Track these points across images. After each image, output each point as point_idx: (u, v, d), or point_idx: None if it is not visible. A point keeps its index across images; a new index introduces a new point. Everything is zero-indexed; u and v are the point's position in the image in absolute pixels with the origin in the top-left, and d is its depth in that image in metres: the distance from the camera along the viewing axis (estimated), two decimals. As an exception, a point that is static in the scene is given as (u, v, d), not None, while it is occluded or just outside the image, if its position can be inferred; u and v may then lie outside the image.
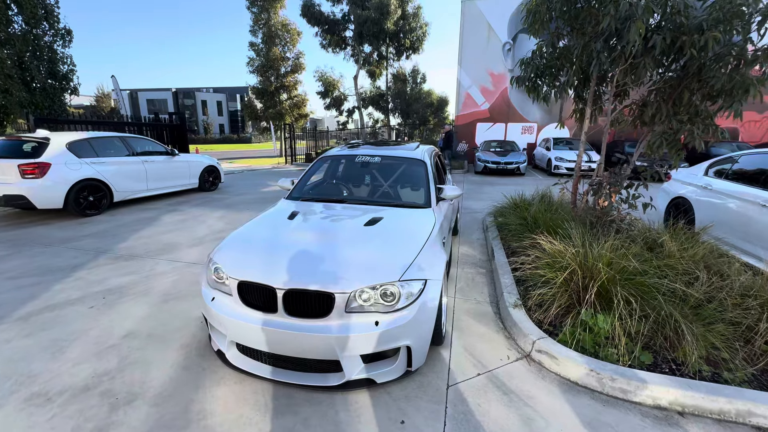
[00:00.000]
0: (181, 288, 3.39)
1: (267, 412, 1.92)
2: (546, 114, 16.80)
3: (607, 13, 3.20)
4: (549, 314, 2.62)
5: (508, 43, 16.46)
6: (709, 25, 3.01)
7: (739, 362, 2.21)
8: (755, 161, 4.22)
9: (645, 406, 2.03)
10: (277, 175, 12.79)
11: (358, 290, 2.02)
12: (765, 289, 2.45)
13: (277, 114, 23.28)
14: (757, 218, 3.73)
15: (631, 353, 2.25)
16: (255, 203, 7.37)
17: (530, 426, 1.88)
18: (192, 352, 2.43)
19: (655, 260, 2.68)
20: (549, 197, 5.51)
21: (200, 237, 4.99)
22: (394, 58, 19.60)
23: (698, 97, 3.49)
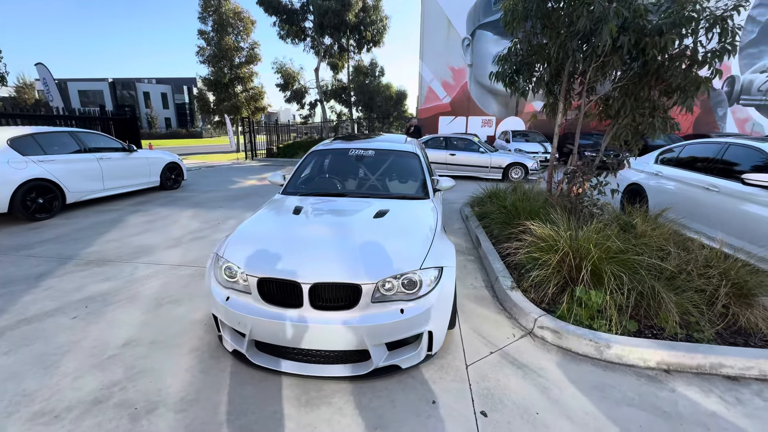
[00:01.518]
0: (171, 291, 3.21)
1: (301, 406, 1.93)
2: (503, 108, 17.62)
3: (582, 14, 3.47)
4: (545, 294, 2.85)
5: (467, 38, 16.98)
6: (667, 28, 3.37)
7: (704, 324, 2.56)
8: (698, 150, 4.80)
9: (638, 368, 2.30)
10: (240, 171, 12.29)
11: (383, 280, 2.07)
12: (721, 260, 2.85)
13: (232, 107, 22.20)
14: (703, 200, 4.26)
15: (620, 323, 2.52)
16: (226, 201, 7.06)
17: (547, 394, 2.06)
18: (204, 355, 2.34)
19: (632, 239, 3.00)
20: (521, 187, 5.86)
21: (176, 238, 4.72)
22: (355, 50, 19.42)
23: (656, 93, 3.90)
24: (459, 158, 10.42)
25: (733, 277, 2.70)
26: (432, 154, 10.49)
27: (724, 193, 4.03)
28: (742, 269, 2.79)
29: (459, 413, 1.91)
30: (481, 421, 1.86)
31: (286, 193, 3.34)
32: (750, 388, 2.15)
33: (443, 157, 10.56)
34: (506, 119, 17.66)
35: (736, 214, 3.80)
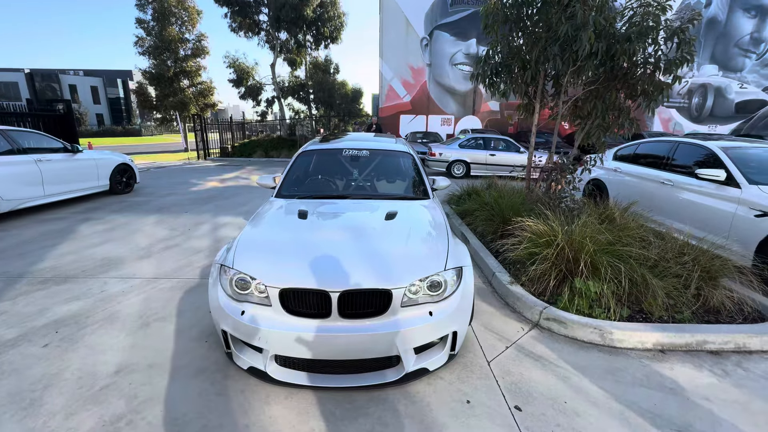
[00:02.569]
0: (156, 308, 2.91)
1: (337, 420, 1.85)
2: (461, 107, 18.23)
3: (561, 21, 3.67)
4: (546, 287, 2.99)
5: (425, 38, 17.30)
6: (635, 36, 3.68)
7: (683, 306, 2.85)
8: (652, 148, 5.32)
9: (638, 350, 2.50)
10: (196, 172, 11.49)
11: (410, 284, 2.04)
12: (692, 247, 3.18)
13: (179, 103, 20.68)
14: (659, 193, 4.73)
15: (615, 310, 2.72)
16: (190, 205, 6.55)
17: (568, 382, 2.17)
18: (215, 376, 2.16)
19: (617, 232, 3.25)
20: (496, 184, 6.10)
21: (145, 248, 4.29)
22: (312, 46, 18.93)
23: (622, 96, 4.25)
24: (499, 158, 10.53)
25: (702, 262, 3.03)
26: (471, 154, 10.60)
27: (678, 186, 4.51)
28: (706, 255, 3.13)
29: (495, 410, 1.94)
30: (518, 415, 1.91)
31: (281, 197, 3.17)
32: (730, 360, 2.42)
33: (483, 157, 10.62)
34: (464, 118, 18.29)
35: (689, 204, 4.27)
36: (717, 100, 17.81)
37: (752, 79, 17.57)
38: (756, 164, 4.00)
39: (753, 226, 3.52)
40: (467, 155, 10.49)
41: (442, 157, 10.62)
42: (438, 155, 10.68)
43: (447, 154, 10.57)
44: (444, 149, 10.83)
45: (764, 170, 3.91)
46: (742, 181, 3.78)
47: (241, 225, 5.27)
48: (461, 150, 10.63)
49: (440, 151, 10.75)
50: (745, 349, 2.53)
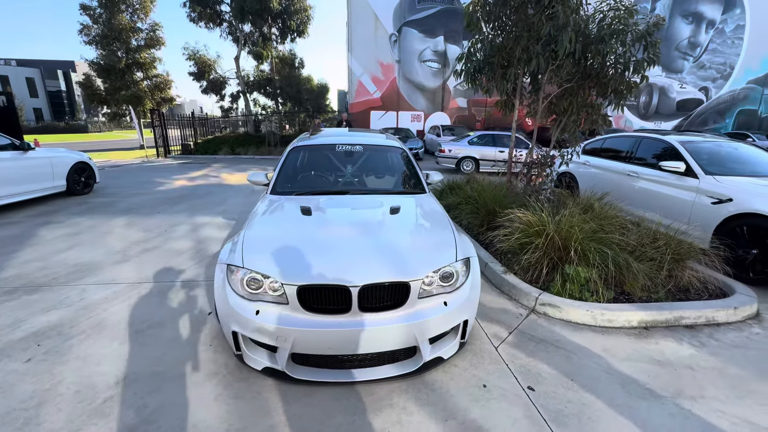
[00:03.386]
0: (147, 313, 2.75)
1: (362, 413, 1.86)
2: (430, 103, 18.52)
3: (543, 22, 3.85)
4: (539, 274, 3.16)
5: (394, 34, 17.36)
6: (608, 38, 3.93)
7: (658, 286, 3.11)
8: (617, 143, 5.71)
9: (625, 329, 2.72)
10: (159, 171, 10.85)
11: (426, 276, 2.09)
12: (663, 233, 3.48)
13: (132, 97, 19.36)
14: (625, 184, 5.11)
15: (603, 293, 2.92)
16: (161, 205, 6.18)
17: (572, 361, 2.32)
18: (228, 379, 2.09)
19: (599, 220, 3.48)
20: (474, 178, 6.30)
21: (120, 251, 4.01)
22: (278, 40, 18.35)
23: (593, 94, 4.54)
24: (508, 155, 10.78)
25: (673, 247, 3.33)
26: (480, 150, 10.68)
27: (643, 178, 4.90)
28: (674, 239, 3.45)
29: (510, 392, 2.04)
30: (532, 395, 2.02)
31: (277, 193, 3.09)
32: (704, 333, 2.70)
33: (492, 153, 10.76)
34: (433, 114, 18.60)
35: (654, 194, 4.65)
36: (661, 99, 19.39)
37: (690, 80, 19.30)
38: (708, 157, 4.43)
39: (710, 212, 3.91)
40: (476, 152, 10.75)
41: (451, 153, 10.92)
42: (448, 152, 10.98)
43: (456, 151, 10.86)
44: (454, 146, 11.12)
45: (716, 162, 4.34)
46: (700, 172, 4.18)
47: (221, 225, 5.07)
48: (470, 147, 10.89)
49: (450, 147, 11.07)
50: (714, 322, 2.83)
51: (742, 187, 3.77)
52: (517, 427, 1.79)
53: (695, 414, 1.91)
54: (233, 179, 9.16)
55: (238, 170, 10.94)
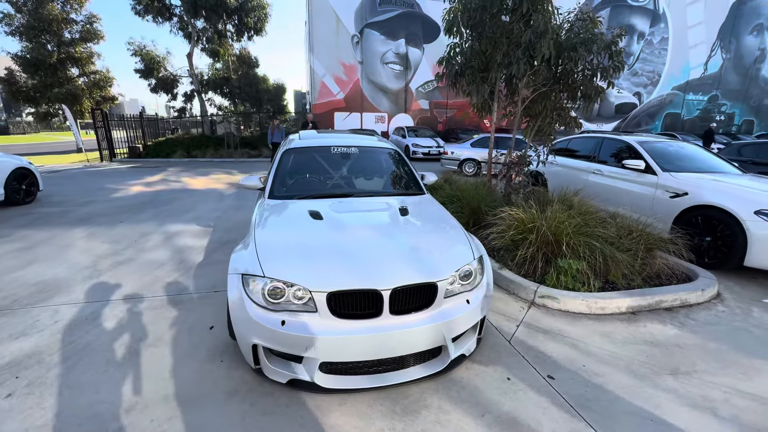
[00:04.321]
0: (138, 333, 2.52)
1: (401, 416, 1.85)
2: (394, 105, 18.72)
3: (518, 27, 4.06)
4: (531, 269, 3.33)
5: (356, 35, 17.32)
6: (579, 45, 4.24)
7: (635, 274, 3.41)
8: (582, 143, 6.17)
9: (616, 314, 2.95)
10: (108, 176, 9.95)
11: (450, 276, 2.12)
12: (635, 225, 3.81)
13: (67, 95, 17.58)
14: (592, 181, 5.52)
15: (593, 283, 3.15)
16: (123, 214, 5.67)
17: (578, 347, 2.48)
18: (251, 395, 1.97)
19: (581, 216, 3.74)
20: (452, 178, 6.48)
21: (88, 266, 3.63)
22: (234, 37, 17.54)
23: (564, 97, 4.86)
24: None
25: (645, 238, 3.66)
26: (482, 153, 10.65)
27: (607, 175, 5.33)
28: (645, 231, 3.79)
29: (533, 382, 2.13)
30: (554, 383, 2.13)
31: (276, 198, 2.97)
32: (680, 314, 3.00)
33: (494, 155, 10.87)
34: (397, 116, 18.82)
35: (618, 189, 5.08)
36: (602, 103, 21.16)
37: (626, 86, 21.27)
38: (662, 155, 4.92)
39: (669, 205, 4.35)
40: (478, 154, 10.93)
41: (454, 155, 11.15)
42: (450, 153, 11.24)
43: (459, 153, 11.06)
44: (456, 148, 11.37)
45: (671, 160, 4.84)
46: (658, 169, 4.64)
47: (198, 233, 4.76)
48: (473, 149, 11.08)
49: (452, 149, 11.35)
50: (687, 304, 3.15)
51: (695, 182, 4.24)
52: (548, 416, 1.88)
53: (694, 387, 2.12)
54: (197, 184, 8.62)
55: (200, 174, 10.31)
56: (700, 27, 21.02)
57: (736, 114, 23.11)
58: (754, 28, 21.95)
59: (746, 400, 2.02)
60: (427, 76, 18.56)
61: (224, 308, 2.84)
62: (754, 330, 2.78)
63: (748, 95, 23.00)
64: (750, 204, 3.65)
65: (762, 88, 23.06)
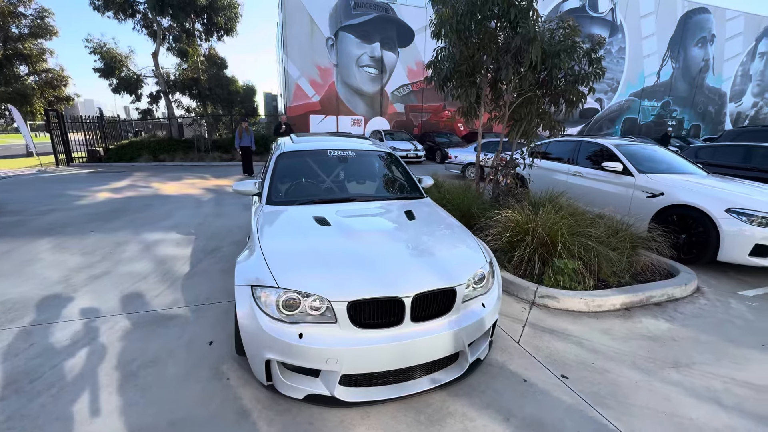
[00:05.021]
0: (130, 353, 2.32)
1: (427, 426, 1.81)
2: (370, 108, 18.70)
3: (506, 33, 4.16)
4: (526, 270, 3.40)
5: (331, 38, 17.17)
6: (563, 53, 4.40)
7: (623, 272, 3.56)
8: (560, 146, 6.40)
9: (612, 311, 3.06)
10: (68, 182, 9.24)
11: (468, 280, 2.11)
12: (621, 225, 3.99)
13: (15, 95, 16.25)
14: (571, 182, 5.74)
15: (587, 282, 3.25)
16: (91, 222, 5.25)
17: (584, 345, 2.54)
18: (266, 413, 1.86)
19: (572, 217, 3.86)
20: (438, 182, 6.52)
21: (60, 280, 3.31)
22: (202, 36, 16.85)
23: (547, 102, 5.02)
24: None
25: (630, 237, 3.83)
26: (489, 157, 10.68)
27: (586, 177, 5.57)
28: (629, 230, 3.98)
29: (548, 382, 2.16)
30: (568, 383, 2.16)
31: (275, 203, 2.84)
32: (669, 308, 3.16)
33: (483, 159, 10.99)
34: (373, 119, 18.80)
35: (597, 191, 5.31)
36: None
37: (588, 91, 22.41)
38: (637, 158, 5.20)
39: (647, 204, 4.59)
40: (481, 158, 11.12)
41: (457, 159, 11.21)
42: (454, 158, 11.33)
43: (462, 157, 11.11)
44: (460, 152, 11.42)
45: (645, 162, 5.11)
46: (634, 171, 4.89)
47: (179, 242, 4.50)
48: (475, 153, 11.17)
49: (456, 153, 11.46)
50: (673, 298, 3.32)
51: (670, 183, 4.51)
52: (570, 416, 1.90)
53: (696, 379, 2.22)
54: (170, 189, 8.17)
55: (172, 179, 9.79)
56: (653, 38, 22.58)
57: (685, 119, 24.99)
58: (698, 40, 23.87)
59: (745, 389, 2.14)
60: (402, 79, 18.70)
61: (222, 322, 2.69)
62: (736, 321, 2.97)
63: (695, 102, 24.96)
64: (721, 203, 3.91)
65: (706, 95, 25.10)
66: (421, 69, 18.89)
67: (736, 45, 24.90)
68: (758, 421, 1.90)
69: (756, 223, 3.70)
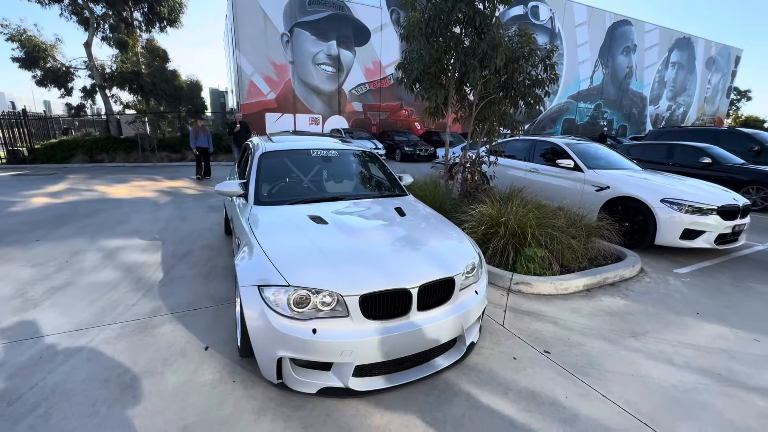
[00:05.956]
0: (121, 366, 2.20)
1: (437, 406, 1.95)
2: (327, 106, 18.54)
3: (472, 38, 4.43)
4: (500, 259, 3.69)
5: (286, 34, 16.76)
6: (522, 59, 4.78)
7: (581, 258, 3.98)
8: (518, 145, 6.89)
9: (577, 293, 3.42)
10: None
11: (463, 269, 2.28)
12: (578, 217, 4.43)
13: None
14: (528, 178, 6.23)
15: (555, 268, 3.61)
16: (35, 230, 4.73)
17: (558, 324, 2.84)
18: (281, 410, 1.88)
19: (538, 209, 4.22)
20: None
21: (15, 295, 2.99)
22: (142, 27, 15.55)
23: (508, 103, 5.41)
24: None
25: (585, 227, 4.29)
26: None
27: (542, 173, 6.07)
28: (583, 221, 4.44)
29: (535, 358, 2.40)
30: (552, 357, 2.42)
31: (263, 203, 2.82)
32: (621, 287, 3.60)
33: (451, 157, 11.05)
34: (331, 117, 18.67)
35: (552, 185, 5.82)
36: (515, 109, 23.65)
37: (533, 94, 24.05)
38: (585, 155, 5.77)
39: (595, 197, 5.13)
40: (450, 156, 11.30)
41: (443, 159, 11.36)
42: (440, 158, 11.56)
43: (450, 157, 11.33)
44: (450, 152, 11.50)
45: (591, 159, 5.69)
46: (584, 167, 5.43)
47: (144, 247, 4.23)
48: None
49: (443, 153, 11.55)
50: (624, 278, 3.79)
51: (614, 177, 5.08)
52: (558, 385, 2.15)
53: (651, 345, 2.60)
54: (119, 192, 7.55)
55: (117, 181, 9.02)
56: (586, 46, 24.80)
57: (614, 120, 27.77)
58: (623, 49, 26.65)
59: (689, 350, 2.55)
60: (359, 78, 18.76)
61: (213, 326, 2.63)
62: (675, 295, 3.47)
63: (622, 104, 27.84)
64: (657, 194, 4.50)
65: (631, 99, 28.11)
66: (378, 69, 19.09)
67: (653, 54, 28.15)
68: (703, 374, 2.29)
69: (684, 210, 4.31)
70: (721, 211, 4.30)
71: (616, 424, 1.87)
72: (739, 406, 2.02)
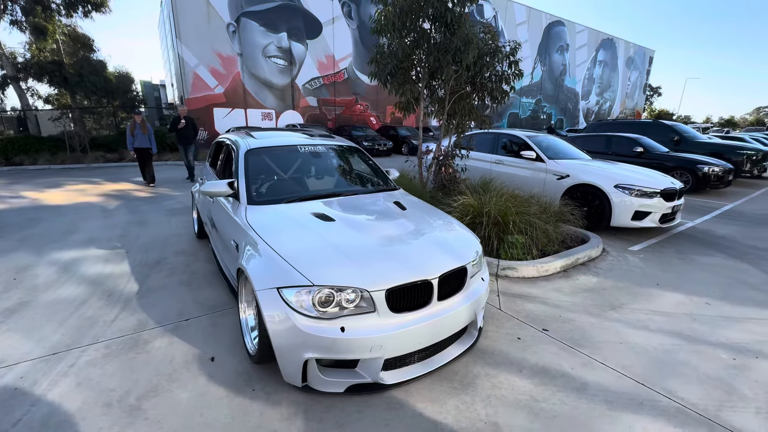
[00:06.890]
0: (119, 386, 1.99)
1: (463, 390, 2.03)
2: (281, 101, 17.86)
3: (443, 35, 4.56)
4: (491, 246, 3.87)
5: (232, 24, 15.80)
6: (489, 56, 5.00)
7: (552, 242, 4.32)
8: (484, 138, 7.20)
9: (556, 273, 3.71)
10: None
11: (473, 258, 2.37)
12: (549, 205, 4.77)
13: None
14: (494, 169, 6.56)
15: (534, 253, 3.87)
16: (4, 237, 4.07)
17: (549, 304, 3.07)
18: (312, 412, 1.84)
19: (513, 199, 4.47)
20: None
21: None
22: (62, 12, 13.72)
23: (475, 99, 5.64)
24: None
25: (554, 213, 4.64)
26: None
27: (507, 164, 6.43)
28: (551, 208, 4.80)
29: (536, 336, 2.58)
30: (551, 333, 2.62)
31: (258, 203, 2.68)
32: (591, 266, 3.96)
33: None
34: (285, 113, 18.02)
35: (517, 176, 6.19)
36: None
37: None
38: (544, 146, 6.21)
39: (557, 185, 5.56)
40: None
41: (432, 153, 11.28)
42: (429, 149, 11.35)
43: None
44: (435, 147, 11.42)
45: (550, 150, 6.13)
46: (545, 158, 5.84)
47: (106, 257, 3.84)
48: None
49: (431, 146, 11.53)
50: (591, 258, 4.17)
51: (572, 167, 5.54)
52: (563, 358, 2.33)
53: (627, 315, 2.91)
54: (55, 198, 6.68)
55: (48, 186, 7.98)
56: (527, 44, 26.39)
57: (553, 114, 29.99)
58: (558, 48, 28.78)
59: (660, 316, 2.89)
60: (312, 72, 18.29)
61: (212, 336, 2.49)
62: (635, 269, 3.89)
63: (559, 99, 30.13)
64: (611, 180, 4.99)
65: (566, 94, 30.51)
66: (331, 63, 18.75)
67: (583, 53, 30.74)
68: (675, 336, 2.62)
69: (634, 194, 4.83)
70: (663, 193, 4.88)
71: (619, 387, 2.08)
72: (709, 361, 2.35)
